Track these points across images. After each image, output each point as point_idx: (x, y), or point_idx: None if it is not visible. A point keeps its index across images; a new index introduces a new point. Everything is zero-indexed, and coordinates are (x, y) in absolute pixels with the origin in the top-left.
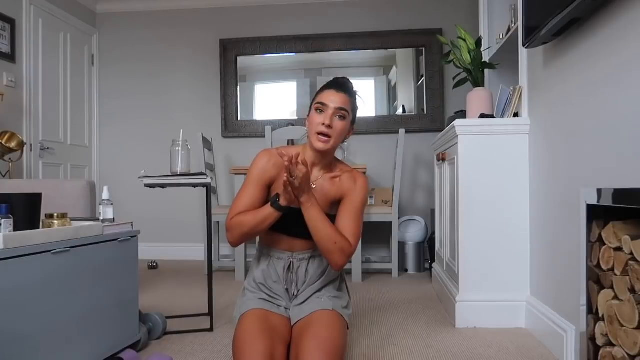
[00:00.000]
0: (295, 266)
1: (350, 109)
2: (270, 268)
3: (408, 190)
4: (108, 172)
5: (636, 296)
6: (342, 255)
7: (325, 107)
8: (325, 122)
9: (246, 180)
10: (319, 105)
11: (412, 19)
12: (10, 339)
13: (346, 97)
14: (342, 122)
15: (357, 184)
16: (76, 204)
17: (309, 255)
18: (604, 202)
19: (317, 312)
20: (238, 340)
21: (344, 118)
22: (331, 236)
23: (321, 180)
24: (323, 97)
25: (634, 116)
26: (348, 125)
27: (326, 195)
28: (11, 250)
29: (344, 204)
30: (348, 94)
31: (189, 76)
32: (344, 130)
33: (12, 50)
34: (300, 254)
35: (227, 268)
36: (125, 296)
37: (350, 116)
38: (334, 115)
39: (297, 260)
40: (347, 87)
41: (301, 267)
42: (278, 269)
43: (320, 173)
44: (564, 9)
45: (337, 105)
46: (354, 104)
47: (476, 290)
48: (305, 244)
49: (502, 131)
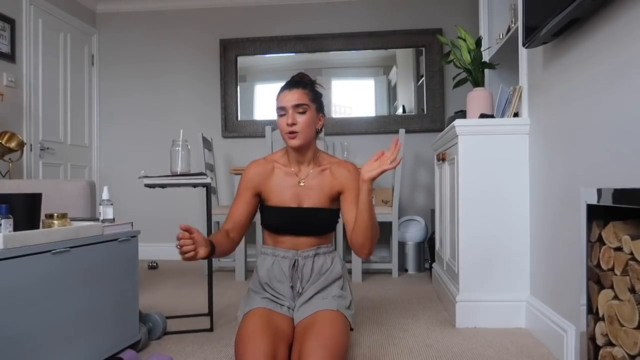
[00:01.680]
0: (301, 264)
1: (310, 100)
2: (275, 267)
3: (408, 190)
4: (108, 172)
5: (636, 296)
6: (376, 241)
7: (284, 109)
8: (288, 121)
9: (237, 191)
10: (279, 110)
11: (412, 19)
12: (10, 338)
13: (300, 91)
14: (305, 116)
15: (351, 172)
16: (76, 204)
17: (313, 252)
18: (604, 202)
19: (320, 311)
20: (240, 338)
21: (304, 112)
22: (376, 224)
23: (312, 175)
24: (280, 100)
25: (634, 116)
26: (313, 115)
27: (323, 190)
28: (11, 250)
29: (348, 196)
30: (302, 87)
31: (189, 76)
32: (309, 122)
33: (12, 50)
34: (304, 251)
35: (227, 268)
36: (125, 296)
37: (313, 106)
38: (295, 113)
39: (302, 257)
40: (300, 82)
41: (306, 264)
42: (283, 267)
43: (309, 169)
44: (564, 9)
45: (293, 103)
46: (314, 94)
47: (476, 290)
48: (309, 241)
49: (502, 131)
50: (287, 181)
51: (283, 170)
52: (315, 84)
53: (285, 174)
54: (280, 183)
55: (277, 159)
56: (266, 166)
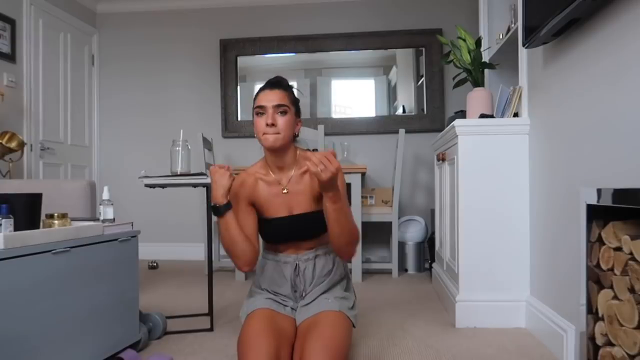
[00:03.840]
0: (302, 268)
1: (290, 102)
2: (276, 273)
3: (408, 190)
4: (108, 172)
5: (636, 296)
6: (355, 246)
7: (264, 108)
8: (268, 122)
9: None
10: (258, 109)
11: (412, 19)
12: (10, 338)
13: (282, 92)
14: (285, 117)
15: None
16: (76, 204)
17: (313, 255)
18: (603, 202)
19: (323, 312)
20: (243, 339)
21: (285, 113)
22: (351, 227)
23: (295, 180)
24: (260, 99)
25: (633, 116)
26: (292, 118)
27: (309, 193)
28: (11, 250)
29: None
30: (283, 88)
31: (189, 76)
32: (289, 123)
33: (12, 50)
34: (305, 254)
35: (227, 268)
36: (125, 296)
37: (293, 109)
38: (275, 113)
39: (303, 261)
40: (281, 84)
41: (307, 268)
42: (285, 272)
43: (290, 173)
44: (563, 9)
45: (275, 103)
46: (293, 98)
47: (476, 290)
48: (309, 244)
49: (502, 131)
50: (272, 191)
51: (265, 180)
52: (294, 88)
53: (268, 184)
54: (267, 194)
55: (257, 170)
56: (248, 179)
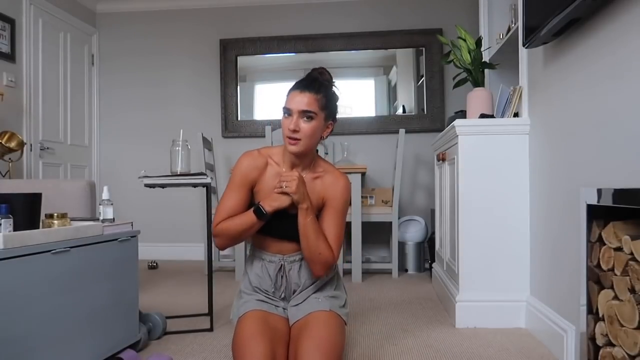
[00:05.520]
0: (287, 269)
1: (319, 108)
2: (263, 271)
3: (408, 190)
4: (108, 172)
5: (636, 296)
6: (323, 267)
7: (290, 111)
8: (290, 127)
9: (229, 184)
10: (285, 109)
11: (412, 19)
12: (10, 338)
13: (312, 95)
14: (310, 124)
15: (339, 185)
16: (76, 204)
17: (299, 257)
18: (604, 202)
19: (314, 312)
20: (238, 342)
21: (311, 119)
22: (318, 247)
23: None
24: (288, 100)
25: (634, 116)
26: (320, 124)
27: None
28: (11, 250)
29: (327, 207)
30: (314, 91)
31: (189, 76)
32: (313, 130)
33: (12, 50)
34: (290, 256)
35: (227, 268)
36: (125, 296)
37: (322, 114)
38: (299, 119)
39: (288, 262)
40: (313, 85)
41: (293, 269)
42: (270, 272)
43: (305, 174)
44: (564, 9)
45: (301, 108)
46: (326, 100)
47: (476, 290)
48: (294, 246)
49: (502, 131)
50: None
51: (275, 169)
52: (333, 85)
53: (276, 175)
54: (270, 183)
55: (272, 154)
56: (260, 160)
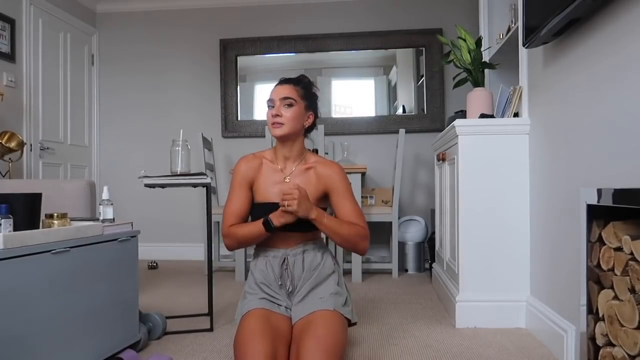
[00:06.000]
0: (290, 262)
1: (299, 96)
2: (268, 268)
3: (408, 190)
4: (108, 172)
5: (636, 296)
6: (364, 240)
7: (272, 101)
8: (273, 112)
9: (232, 187)
10: (268, 102)
11: (412, 19)
12: (10, 339)
13: (290, 86)
14: (291, 109)
15: (334, 172)
16: (76, 204)
17: (302, 249)
18: (604, 202)
19: (317, 312)
20: (240, 340)
21: (291, 105)
22: (350, 232)
23: (297, 172)
24: (270, 94)
25: (634, 116)
26: (300, 110)
27: (308, 188)
28: (11, 250)
29: (335, 194)
30: (292, 83)
31: (189, 76)
32: (296, 115)
33: (12, 50)
34: (294, 249)
35: (227, 268)
36: (125, 296)
37: (302, 103)
38: (281, 105)
39: (292, 255)
40: (293, 80)
41: (296, 262)
42: (275, 266)
43: (294, 165)
44: (564, 9)
45: (281, 96)
46: (305, 92)
47: (476, 290)
48: (299, 237)
49: (502, 131)
50: (274, 177)
51: (270, 166)
52: (313, 86)
53: (272, 170)
54: (267, 179)
55: (265, 154)
56: (255, 161)
